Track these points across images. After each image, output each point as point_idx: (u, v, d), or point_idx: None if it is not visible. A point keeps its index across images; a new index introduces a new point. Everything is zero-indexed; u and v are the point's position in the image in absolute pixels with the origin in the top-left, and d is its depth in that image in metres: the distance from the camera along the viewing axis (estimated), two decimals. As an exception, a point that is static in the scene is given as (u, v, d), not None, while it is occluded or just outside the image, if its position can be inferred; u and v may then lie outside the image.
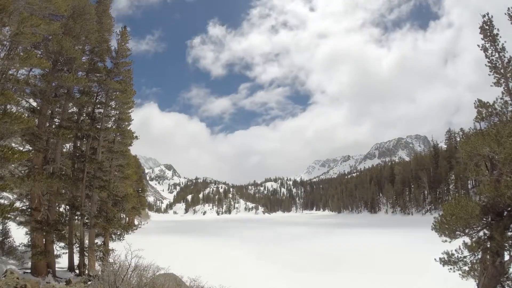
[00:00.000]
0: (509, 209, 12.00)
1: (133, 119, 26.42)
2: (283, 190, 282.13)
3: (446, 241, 12.86)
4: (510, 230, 12.06)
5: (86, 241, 21.07)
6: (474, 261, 12.69)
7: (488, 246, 12.30)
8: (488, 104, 12.89)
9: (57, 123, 20.55)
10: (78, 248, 20.74)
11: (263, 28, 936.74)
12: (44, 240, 18.31)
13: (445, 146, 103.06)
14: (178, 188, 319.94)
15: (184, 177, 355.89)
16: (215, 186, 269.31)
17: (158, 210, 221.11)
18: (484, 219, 12.42)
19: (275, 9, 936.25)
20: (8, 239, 19.47)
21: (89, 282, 16.37)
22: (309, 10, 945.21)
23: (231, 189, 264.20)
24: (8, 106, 15.25)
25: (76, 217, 21.66)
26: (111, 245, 24.31)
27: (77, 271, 20.16)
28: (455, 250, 12.81)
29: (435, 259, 13.27)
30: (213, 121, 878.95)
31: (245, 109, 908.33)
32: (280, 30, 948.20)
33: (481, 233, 12.57)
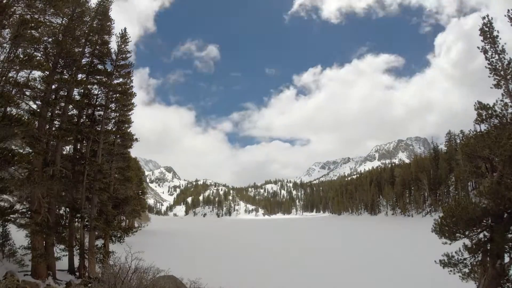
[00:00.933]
0: (510, 211, 11.99)
1: (133, 121, 26.43)
2: (283, 192, 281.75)
3: (446, 243, 12.84)
4: (510, 232, 12.05)
5: (86, 244, 21.03)
6: (474, 263, 12.67)
7: (488, 248, 12.28)
8: (488, 106, 12.88)
9: (57, 126, 20.51)
10: (78, 251, 20.70)
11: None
12: (44, 242, 18.27)
13: (445, 148, 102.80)
14: (178, 190, 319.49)
15: (184, 179, 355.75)
16: (215, 188, 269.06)
17: (158, 212, 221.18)
18: (484, 221, 12.41)
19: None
20: (8, 242, 19.40)
21: (90, 285, 16.34)
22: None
23: (231, 191, 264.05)
24: (8, 109, 15.23)
25: (76, 220, 21.62)
26: (111, 247, 24.27)
27: (77, 274, 20.12)
28: (455, 252, 12.79)
29: (435, 261, 13.25)
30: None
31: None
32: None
33: (481, 235, 12.56)
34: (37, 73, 18.51)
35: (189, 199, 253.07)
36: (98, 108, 22.96)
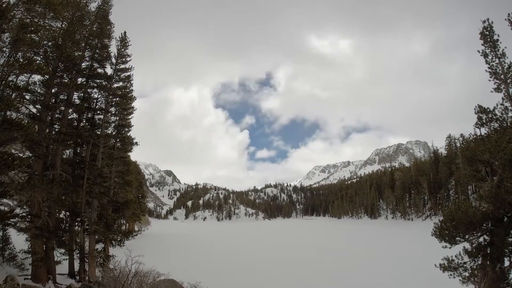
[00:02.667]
0: (510, 215, 11.99)
1: (133, 125, 26.43)
2: (283, 195, 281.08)
3: (446, 246, 12.83)
4: (510, 236, 12.05)
5: (87, 247, 21.00)
6: (474, 267, 12.65)
7: (489, 252, 12.27)
8: (488, 110, 12.89)
9: (57, 129, 20.53)
10: (78, 255, 20.67)
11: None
12: (44, 246, 18.27)
13: (445, 152, 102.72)
14: (178, 194, 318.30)
15: (184, 183, 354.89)
16: (215, 192, 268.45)
17: (158, 216, 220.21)
18: (484, 225, 12.40)
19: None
20: (8, 246, 19.37)
21: (89, 289, 16.34)
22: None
23: (231, 195, 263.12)
24: (8, 113, 15.24)
25: (76, 224, 21.61)
26: (112, 251, 24.24)
27: (77, 278, 20.10)
28: (455, 256, 12.77)
29: (435, 265, 13.23)
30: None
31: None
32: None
33: (481, 239, 12.54)
34: (37, 77, 18.59)
35: (189, 203, 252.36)
36: (98, 112, 22.98)
